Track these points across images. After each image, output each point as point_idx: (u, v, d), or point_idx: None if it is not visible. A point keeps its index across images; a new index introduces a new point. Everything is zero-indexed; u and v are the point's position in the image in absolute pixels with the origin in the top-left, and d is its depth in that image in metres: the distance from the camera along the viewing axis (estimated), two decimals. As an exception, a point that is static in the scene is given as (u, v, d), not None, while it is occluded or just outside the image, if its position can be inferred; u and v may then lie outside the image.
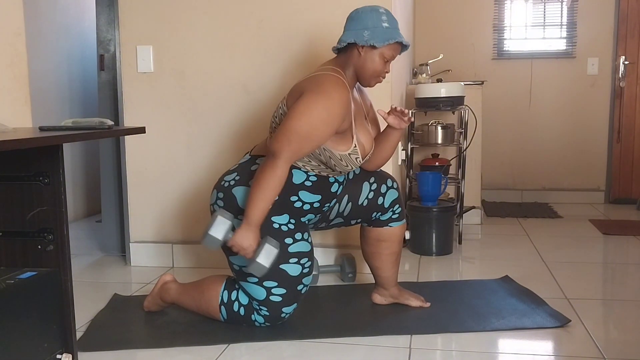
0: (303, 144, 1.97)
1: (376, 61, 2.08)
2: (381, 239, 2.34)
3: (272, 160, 1.96)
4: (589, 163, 4.96)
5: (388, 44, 2.05)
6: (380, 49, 2.06)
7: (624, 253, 3.36)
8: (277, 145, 1.96)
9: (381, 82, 2.17)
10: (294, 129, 1.95)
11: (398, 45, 2.10)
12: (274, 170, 1.96)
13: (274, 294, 2.10)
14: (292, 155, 1.97)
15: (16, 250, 1.73)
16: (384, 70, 2.12)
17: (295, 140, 1.95)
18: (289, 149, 1.95)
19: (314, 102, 1.97)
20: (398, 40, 2.06)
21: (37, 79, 3.67)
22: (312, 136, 1.96)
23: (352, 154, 2.09)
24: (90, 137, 1.63)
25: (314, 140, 1.98)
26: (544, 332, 2.14)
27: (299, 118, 1.96)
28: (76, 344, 1.76)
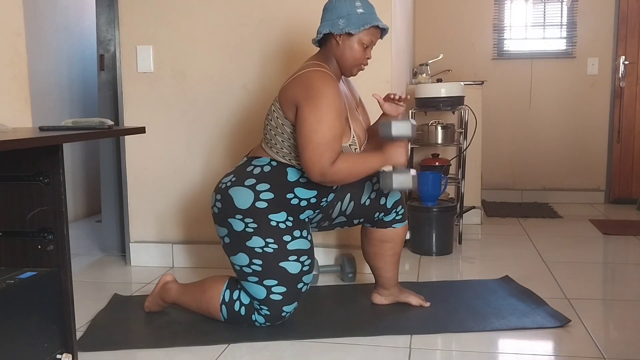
0: (333, 147, 1.99)
1: (355, 48, 2.09)
2: (384, 239, 2.34)
3: (327, 179, 2.01)
4: (589, 163, 4.96)
5: (364, 29, 2.07)
6: (358, 36, 2.07)
7: (624, 253, 3.36)
8: (317, 167, 1.98)
9: (363, 69, 2.17)
10: (319, 142, 1.98)
11: (376, 30, 2.11)
12: (333, 179, 2.01)
13: (274, 293, 2.10)
14: (331, 161, 1.99)
15: (16, 250, 1.73)
16: (365, 57, 2.12)
17: (326, 149, 1.98)
18: (327, 159, 1.98)
19: (317, 108, 1.99)
20: (374, 24, 2.07)
21: (37, 79, 3.67)
22: (336, 136, 2.00)
23: (352, 145, 2.11)
24: (90, 137, 1.63)
25: (338, 137, 2.01)
26: (544, 332, 2.14)
27: (316, 130, 1.98)
28: (76, 344, 1.76)
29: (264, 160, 2.15)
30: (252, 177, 2.11)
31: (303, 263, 2.13)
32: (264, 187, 2.09)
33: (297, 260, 2.11)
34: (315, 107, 1.98)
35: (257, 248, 2.08)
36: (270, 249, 2.08)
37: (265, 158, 2.15)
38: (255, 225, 2.07)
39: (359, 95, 2.37)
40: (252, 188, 2.09)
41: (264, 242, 2.08)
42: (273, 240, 2.08)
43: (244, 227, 2.08)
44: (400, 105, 2.20)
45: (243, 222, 2.08)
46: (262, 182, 2.09)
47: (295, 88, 2.06)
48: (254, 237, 2.08)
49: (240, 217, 2.08)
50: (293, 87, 2.08)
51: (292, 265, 2.11)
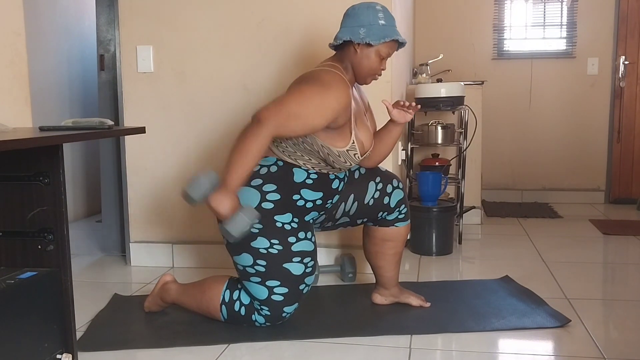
0: (290, 121, 1.95)
1: (372, 59, 2.08)
2: (387, 238, 2.34)
3: (256, 127, 1.92)
4: (589, 163, 4.96)
5: (384, 42, 2.06)
6: (377, 47, 2.07)
7: (624, 253, 3.36)
8: (265, 113, 1.93)
9: (377, 79, 2.17)
10: (286, 103, 1.96)
11: (394, 43, 2.11)
12: (256, 137, 1.91)
13: (276, 293, 2.10)
14: (276, 126, 1.93)
15: (16, 250, 1.73)
16: (380, 68, 2.12)
17: (284, 115, 1.94)
18: (276, 120, 1.92)
19: (311, 88, 1.99)
20: (394, 38, 2.06)
21: (37, 79, 3.67)
22: (300, 117, 1.96)
23: (351, 150, 2.09)
24: (90, 137, 1.63)
25: (301, 121, 1.96)
26: (544, 332, 2.14)
27: (292, 95, 1.98)
28: (76, 344, 1.76)
29: (270, 160, 2.15)
30: (258, 177, 2.11)
31: (306, 265, 2.13)
32: (271, 187, 2.09)
33: (301, 261, 2.11)
34: (310, 86, 1.99)
35: (261, 249, 2.08)
36: (275, 250, 2.08)
37: (272, 158, 2.15)
38: (260, 226, 2.07)
39: (367, 100, 2.35)
40: (258, 188, 2.08)
41: (269, 243, 2.08)
42: (278, 242, 2.08)
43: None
44: (409, 113, 2.21)
45: None
46: (268, 182, 2.09)
47: (306, 77, 2.07)
48: (259, 237, 2.08)
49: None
50: (304, 77, 2.08)
51: (295, 266, 2.10)
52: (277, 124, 1.92)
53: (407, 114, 2.21)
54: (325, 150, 2.06)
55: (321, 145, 2.06)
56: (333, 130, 2.05)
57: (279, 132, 1.95)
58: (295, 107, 1.96)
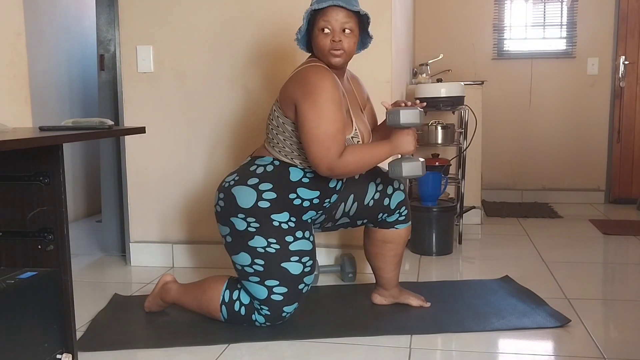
0: (338, 139, 1.99)
1: (317, 38, 2.08)
2: (387, 240, 2.34)
3: (333, 173, 2.01)
4: (589, 163, 4.96)
5: (309, 17, 2.08)
6: (315, 26, 2.08)
7: (624, 253, 3.36)
8: (324, 162, 1.99)
9: (337, 55, 2.07)
10: (323, 137, 1.98)
11: (329, 10, 2.04)
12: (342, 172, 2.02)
13: (275, 293, 2.10)
14: (338, 154, 1.99)
15: (16, 250, 1.73)
16: (328, 42, 2.06)
17: (332, 143, 1.98)
18: (334, 153, 1.98)
19: (316, 103, 1.99)
20: (312, 8, 2.06)
21: (37, 79, 3.67)
22: (339, 128, 2.00)
23: (354, 137, 2.11)
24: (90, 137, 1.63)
25: (341, 129, 2.01)
26: (544, 332, 2.14)
27: (318, 126, 1.98)
28: (76, 344, 1.76)
29: (267, 160, 2.15)
30: (255, 176, 2.11)
31: (305, 264, 2.13)
32: (267, 186, 2.09)
33: (299, 261, 2.11)
34: (314, 102, 1.99)
35: (259, 248, 2.08)
36: (273, 249, 2.08)
37: (268, 157, 2.15)
38: (257, 225, 2.07)
39: (367, 95, 2.36)
40: (254, 187, 2.09)
41: (266, 242, 2.08)
42: (275, 241, 2.08)
43: (246, 226, 2.08)
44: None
45: (245, 222, 2.08)
46: (264, 181, 2.09)
47: (293, 86, 2.07)
48: (256, 236, 2.08)
49: (242, 216, 2.08)
50: (290, 86, 2.09)
51: (293, 266, 2.10)
52: (335, 153, 1.98)
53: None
54: None
55: None
56: None
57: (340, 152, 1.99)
58: (330, 129, 1.98)
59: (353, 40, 2.08)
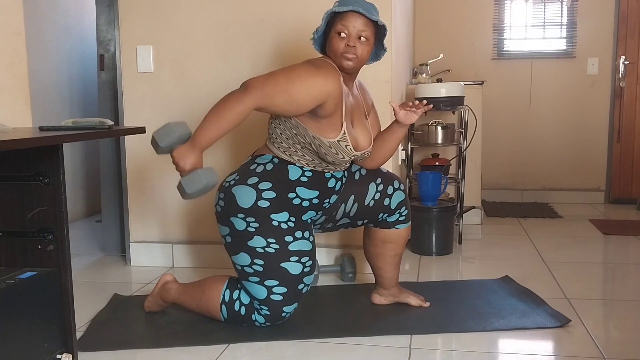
0: (276, 93, 1.97)
1: (333, 41, 2.08)
2: (387, 240, 2.34)
3: (241, 93, 1.97)
4: (589, 163, 4.96)
5: (329, 19, 2.08)
6: (333, 29, 2.08)
7: (624, 253, 3.36)
8: (252, 81, 1.99)
9: (350, 59, 2.06)
10: (275, 75, 2.00)
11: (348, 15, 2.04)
12: (237, 102, 1.95)
13: (274, 293, 2.10)
14: (262, 96, 1.96)
15: (16, 250, 1.73)
16: (342, 46, 2.05)
17: (271, 85, 1.97)
18: (261, 90, 1.96)
19: (301, 66, 2.04)
20: (332, 10, 2.06)
21: (37, 79, 3.67)
22: (287, 90, 1.97)
23: (342, 141, 2.08)
24: (90, 137, 1.63)
25: (287, 95, 1.97)
26: (544, 332, 2.14)
27: (282, 70, 2.03)
28: (76, 344, 1.76)
29: (266, 158, 2.15)
30: (254, 175, 2.11)
31: (304, 264, 2.13)
32: (266, 185, 2.09)
33: (299, 261, 2.11)
34: (300, 65, 2.04)
35: (258, 248, 2.08)
36: (272, 249, 2.08)
37: (268, 155, 2.15)
38: (257, 225, 2.07)
39: (372, 101, 2.35)
40: (254, 187, 2.09)
41: (266, 242, 2.08)
42: (275, 241, 2.08)
43: (246, 226, 2.08)
44: (416, 113, 2.21)
45: (245, 222, 2.08)
46: (264, 180, 2.09)
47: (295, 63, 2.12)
48: (255, 236, 2.08)
49: (242, 216, 2.08)
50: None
51: (293, 266, 2.10)
52: (262, 93, 1.96)
53: (413, 115, 2.21)
54: (316, 141, 2.06)
55: (312, 137, 2.06)
56: (323, 118, 2.05)
57: (263, 102, 1.97)
58: (283, 81, 1.98)
59: (367, 48, 2.08)
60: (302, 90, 1.98)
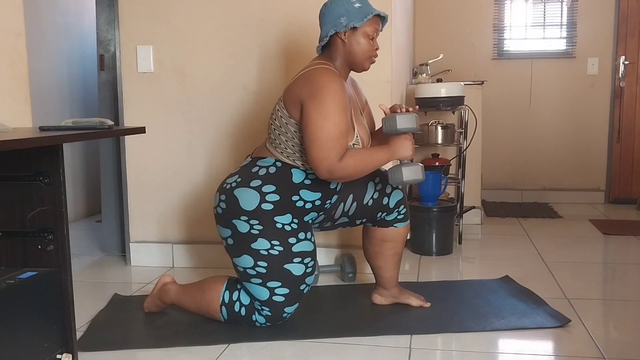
0: (340, 142, 1.99)
1: (362, 42, 2.10)
2: (386, 239, 2.34)
3: (332, 176, 2.01)
4: (589, 163, 4.96)
5: (367, 19, 2.08)
6: (362, 29, 2.09)
7: (624, 253, 3.36)
8: (324, 164, 1.98)
9: (374, 62, 2.17)
10: (325, 138, 1.98)
11: (377, 19, 2.12)
12: (341, 175, 2.01)
13: (277, 294, 2.10)
14: (338, 157, 1.99)
15: (16, 250, 1.73)
16: (373, 48, 2.13)
17: (333, 146, 1.98)
18: (335, 156, 1.98)
19: (322, 104, 1.99)
20: (375, 13, 2.08)
21: (37, 79, 3.67)
22: (342, 132, 2.00)
23: (356, 145, 2.11)
24: (90, 137, 1.63)
25: (345, 132, 2.01)
26: (544, 332, 2.14)
27: (321, 127, 1.98)
28: (76, 344, 1.76)
29: (269, 161, 2.15)
30: (257, 178, 2.11)
31: (307, 265, 2.13)
32: (270, 188, 2.09)
33: (301, 262, 2.11)
34: (320, 103, 1.99)
35: (262, 250, 2.08)
36: (276, 251, 2.08)
37: (270, 158, 2.15)
38: (260, 227, 2.07)
39: (365, 98, 2.36)
40: (258, 189, 2.08)
41: (270, 244, 2.07)
42: (278, 243, 2.08)
43: (249, 228, 2.08)
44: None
45: (248, 224, 2.08)
46: (267, 183, 2.09)
47: (300, 86, 2.07)
48: (259, 239, 2.07)
49: (245, 218, 2.07)
50: (297, 86, 2.08)
51: (296, 267, 2.10)
52: (336, 156, 1.98)
53: None
54: None
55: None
56: None
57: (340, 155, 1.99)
58: (333, 131, 1.98)
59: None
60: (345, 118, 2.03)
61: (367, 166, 2.05)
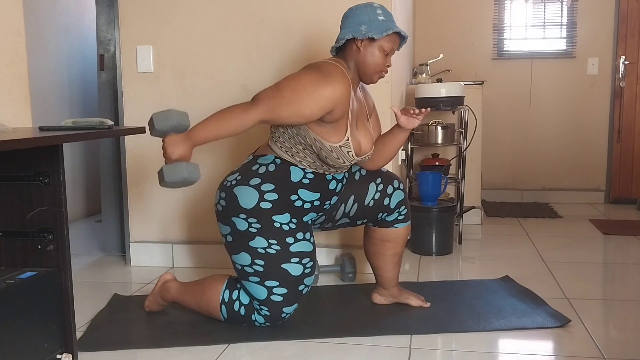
0: (282, 105, 1.98)
1: (376, 55, 2.09)
2: (386, 239, 2.34)
3: (249, 105, 2.00)
4: (589, 163, 4.96)
5: (386, 34, 2.06)
6: (379, 42, 2.07)
7: (624, 253, 3.36)
8: (260, 94, 2.00)
9: (383, 77, 2.17)
10: (280, 87, 2.00)
11: (396, 37, 2.11)
12: (244, 111, 1.98)
13: (275, 294, 2.10)
14: (268, 109, 1.98)
15: (16, 250, 1.73)
16: (385, 64, 2.12)
17: (277, 98, 1.98)
18: (268, 102, 1.98)
19: (308, 75, 2.02)
20: (395, 30, 2.07)
21: (37, 79, 3.67)
22: (292, 101, 1.98)
23: (344, 147, 2.08)
24: (90, 137, 1.63)
25: (293, 107, 1.98)
26: (544, 332, 2.14)
27: (287, 80, 2.02)
28: (76, 344, 1.76)
29: (268, 159, 2.15)
30: (257, 176, 2.11)
31: (305, 265, 2.13)
32: (269, 187, 2.09)
33: (299, 262, 2.11)
34: (306, 73, 2.03)
35: (259, 248, 2.08)
36: (273, 250, 2.08)
37: (270, 156, 2.15)
38: (258, 226, 2.07)
39: (373, 103, 2.35)
40: (257, 188, 2.09)
41: (267, 243, 2.08)
42: (276, 242, 2.08)
43: (248, 226, 2.08)
44: (418, 119, 2.21)
45: (247, 222, 2.08)
46: (267, 182, 2.09)
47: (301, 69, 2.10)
48: (257, 237, 2.08)
49: (244, 216, 2.08)
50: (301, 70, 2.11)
51: (294, 267, 2.10)
52: (268, 107, 1.97)
53: (415, 120, 2.21)
54: (317, 144, 2.06)
55: (313, 139, 2.06)
56: (328, 124, 2.05)
57: (270, 115, 1.98)
58: (289, 93, 1.98)
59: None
60: (309, 102, 1.98)
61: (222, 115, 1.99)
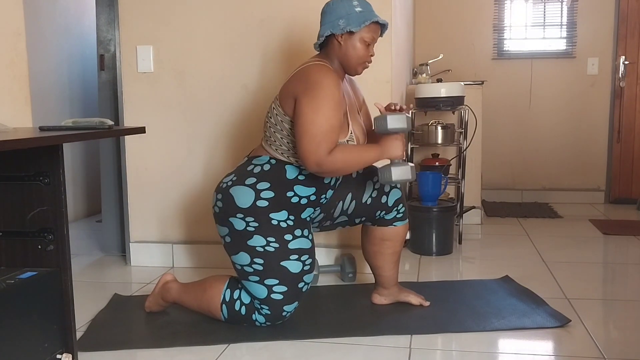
0: (330, 137, 1.99)
1: (357, 47, 2.10)
2: (385, 238, 2.34)
3: (320, 169, 2.00)
4: (589, 163, 4.96)
5: (365, 25, 2.08)
6: (359, 34, 2.09)
7: (624, 253, 3.36)
8: (313, 157, 1.97)
9: (367, 67, 2.18)
10: (315, 132, 1.97)
11: (376, 26, 2.12)
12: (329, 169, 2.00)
13: (275, 292, 2.10)
14: (327, 151, 1.98)
15: (16, 250, 1.73)
16: (368, 54, 2.13)
17: (323, 139, 1.97)
18: (324, 150, 1.97)
19: (315, 99, 2.00)
20: (374, 20, 2.08)
21: (37, 79, 3.67)
22: (333, 126, 2.00)
23: (350, 141, 2.11)
24: (90, 137, 1.63)
25: (336, 127, 2.01)
26: (544, 332, 2.14)
27: (312, 121, 1.98)
28: (76, 344, 1.76)
29: (263, 159, 2.15)
30: (252, 176, 2.11)
31: (304, 262, 2.13)
32: (264, 185, 2.09)
33: (298, 259, 2.12)
34: (313, 98, 2.00)
35: (258, 247, 2.08)
36: (272, 248, 2.08)
37: (265, 156, 2.16)
38: (256, 224, 2.08)
39: (362, 97, 2.37)
40: (252, 187, 2.09)
41: (265, 241, 2.08)
42: (274, 239, 2.08)
43: (245, 226, 2.08)
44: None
45: (244, 221, 2.08)
46: (262, 180, 2.10)
47: (294, 82, 2.09)
48: (255, 236, 2.08)
49: (241, 216, 2.08)
50: (292, 82, 2.10)
51: (293, 264, 2.11)
52: (326, 150, 1.97)
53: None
54: None
55: None
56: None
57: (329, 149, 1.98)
58: (324, 125, 1.98)
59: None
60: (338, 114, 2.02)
61: (356, 162, 2.06)
